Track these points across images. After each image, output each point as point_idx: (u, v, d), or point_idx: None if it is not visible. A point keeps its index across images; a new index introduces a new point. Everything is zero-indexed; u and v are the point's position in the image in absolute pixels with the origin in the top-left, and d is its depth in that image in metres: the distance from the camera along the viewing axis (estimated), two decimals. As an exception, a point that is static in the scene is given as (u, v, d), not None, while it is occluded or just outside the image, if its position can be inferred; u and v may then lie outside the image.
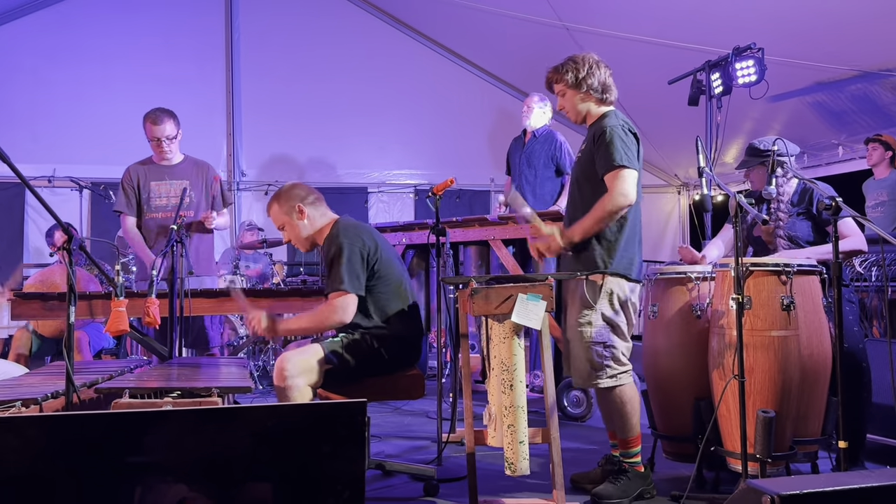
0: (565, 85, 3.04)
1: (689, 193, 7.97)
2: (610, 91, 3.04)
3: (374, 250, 3.04)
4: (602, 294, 2.90)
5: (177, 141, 4.28)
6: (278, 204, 3.18)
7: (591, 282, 2.91)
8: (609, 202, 2.84)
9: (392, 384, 3.05)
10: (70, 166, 6.63)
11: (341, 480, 1.42)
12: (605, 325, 2.90)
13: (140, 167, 4.32)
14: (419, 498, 3.01)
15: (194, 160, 4.39)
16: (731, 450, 2.86)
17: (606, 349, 2.89)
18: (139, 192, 4.27)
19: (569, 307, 3.01)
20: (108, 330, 2.61)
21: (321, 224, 3.18)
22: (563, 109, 3.12)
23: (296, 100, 7.53)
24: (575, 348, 2.94)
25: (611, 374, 2.90)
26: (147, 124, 4.23)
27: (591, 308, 2.90)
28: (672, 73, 5.56)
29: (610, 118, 2.97)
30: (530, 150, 5.49)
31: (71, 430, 1.35)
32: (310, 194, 3.20)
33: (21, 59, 6.99)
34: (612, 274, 2.90)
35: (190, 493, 1.35)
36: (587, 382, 2.93)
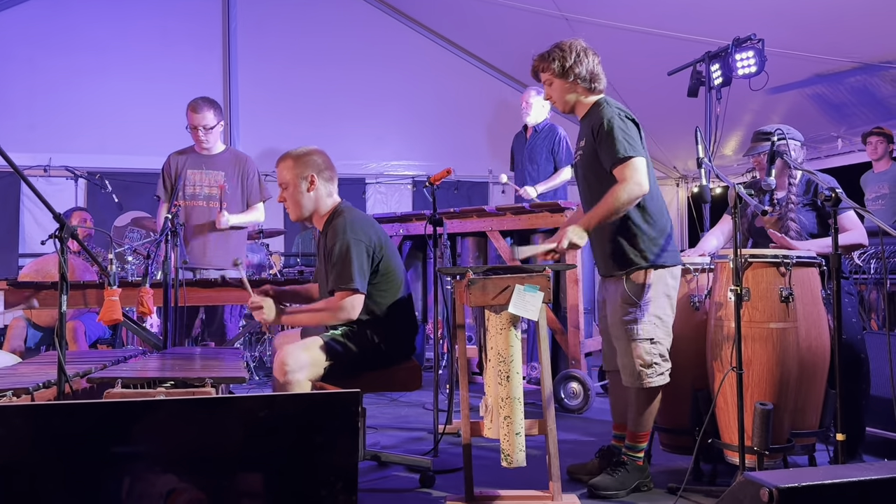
0: (552, 74, 2.95)
1: (688, 186, 7.96)
2: (598, 80, 2.95)
3: (379, 248, 3.00)
4: (646, 289, 2.84)
5: (215, 131, 4.29)
6: (293, 162, 3.05)
7: (631, 280, 2.85)
8: (623, 192, 2.76)
9: (389, 376, 3.03)
10: (66, 155, 6.60)
11: (334, 471, 1.40)
12: (651, 320, 2.85)
13: (179, 156, 4.37)
14: (415, 489, 2.99)
15: (234, 152, 4.43)
16: (729, 442, 2.85)
17: (654, 345, 2.85)
18: (175, 180, 4.27)
19: (609, 306, 2.96)
20: (102, 319, 2.58)
21: (325, 204, 3.08)
22: (550, 99, 3.04)
23: (293, 90, 7.50)
24: (621, 346, 2.89)
25: (660, 372, 2.86)
26: (188, 112, 4.27)
27: (635, 305, 2.84)
28: (672, 63, 5.53)
29: (604, 108, 2.89)
30: (532, 146, 5.51)
31: (58, 420, 1.33)
32: (327, 168, 3.08)
33: (17, 47, 6.94)
34: (652, 267, 2.85)
35: (179, 484, 1.33)
36: (638, 381, 2.86)
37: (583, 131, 3.00)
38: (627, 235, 2.87)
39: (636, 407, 2.92)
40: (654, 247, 2.87)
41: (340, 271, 2.89)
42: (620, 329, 2.89)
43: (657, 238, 2.88)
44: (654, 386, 2.86)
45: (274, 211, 7.61)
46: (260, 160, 7.57)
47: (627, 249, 2.87)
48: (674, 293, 2.92)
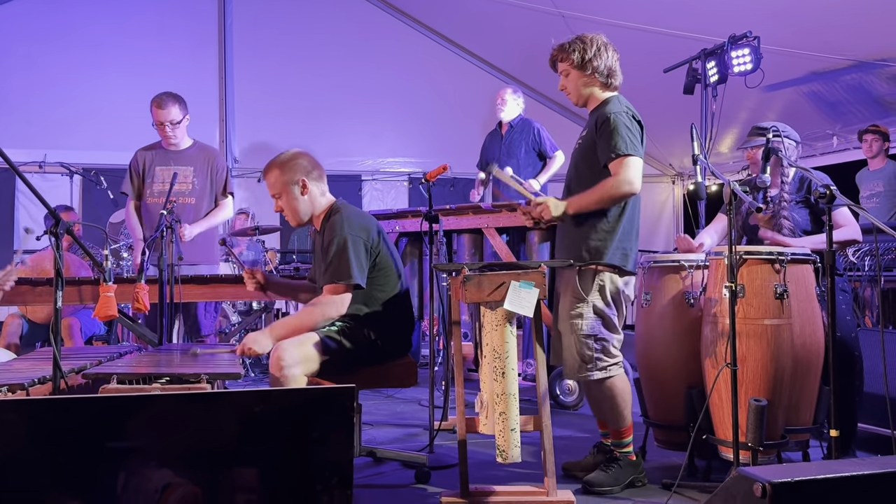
0: (570, 65, 2.95)
1: (684, 183, 7.97)
2: (615, 76, 2.96)
3: (377, 242, 3.00)
4: (595, 286, 2.86)
5: (182, 126, 4.24)
6: (280, 171, 3.03)
7: (584, 273, 2.87)
8: (614, 186, 2.78)
9: (385, 372, 3.03)
10: (61, 152, 6.58)
11: (330, 466, 1.41)
12: (597, 317, 2.87)
13: (147, 151, 4.31)
14: (410, 485, 3.00)
15: (202, 146, 4.36)
16: (723, 438, 2.86)
17: (597, 342, 2.86)
18: (143, 176, 4.23)
19: (561, 298, 2.98)
20: (97, 315, 2.58)
21: (320, 203, 3.07)
22: (565, 90, 3.03)
23: (289, 86, 7.48)
24: (566, 340, 2.92)
25: (601, 367, 2.87)
26: (152, 108, 4.21)
27: (583, 300, 2.86)
28: (667, 61, 5.54)
29: (613, 104, 2.90)
30: (509, 141, 5.61)
31: (54, 415, 1.33)
32: (314, 168, 3.07)
33: (13, 43, 6.92)
34: (605, 266, 2.86)
35: (175, 479, 1.33)
36: (577, 375, 2.90)
37: (588, 123, 3.01)
38: (588, 231, 2.87)
39: (596, 403, 2.95)
40: (616, 248, 2.87)
41: (338, 266, 2.88)
42: (566, 322, 2.90)
43: (621, 242, 2.89)
44: (595, 379, 2.87)
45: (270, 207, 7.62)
46: (255, 156, 7.60)
47: (588, 244, 2.87)
48: (625, 299, 2.92)
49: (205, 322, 4.33)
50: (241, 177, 7.61)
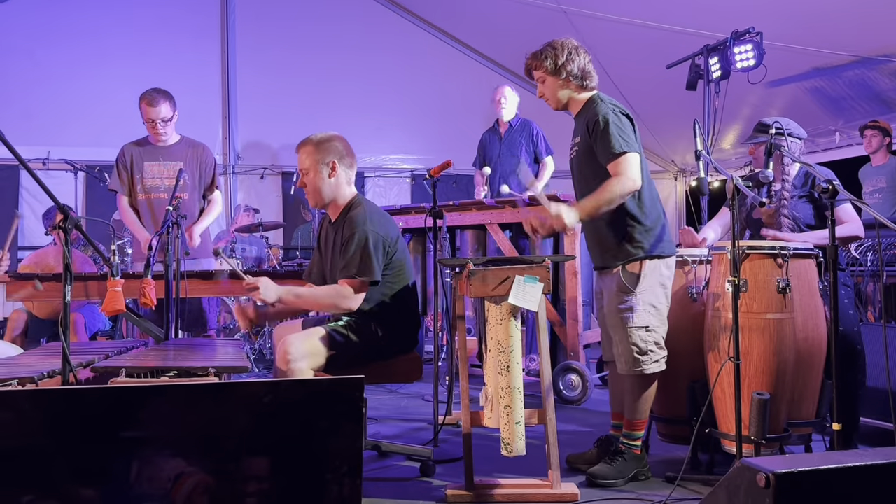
0: (545, 72, 2.99)
1: (686, 179, 7.97)
2: (590, 77, 3.00)
3: (394, 242, 3.02)
4: (641, 279, 2.89)
5: (172, 123, 4.24)
6: (314, 148, 3.03)
7: (627, 270, 2.90)
8: (617, 186, 2.80)
9: (390, 368, 3.05)
10: (65, 148, 6.61)
11: (339, 456, 1.43)
12: (647, 307, 2.89)
13: (135, 147, 4.29)
14: (416, 478, 3.02)
15: (190, 141, 4.35)
16: (726, 431, 2.88)
17: (649, 332, 2.89)
18: (132, 172, 4.23)
19: (606, 296, 2.99)
20: (104, 310, 2.60)
21: (344, 193, 3.08)
22: (543, 97, 3.07)
23: (292, 83, 7.49)
24: (617, 335, 2.93)
25: (655, 359, 2.90)
26: (142, 105, 4.18)
27: (630, 293, 2.89)
28: (670, 57, 5.54)
29: (599, 105, 2.92)
30: (510, 140, 5.65)
31: (66, 405, 1.35)
32: (347, 155, 3.07)
33: (15, 39, 6.93)
34: (648, 258, 2.89)
35: (187, 468, 1.35)
36: (633, 368, 2.90)
37: (577, 128, 3.04)
38: (623, 228, 2.91)
39: (632, 395, 2.96)
40: (649, 237, 2.91)
41: (356, 261, 2.89)
42: (616, 318, 2.93)
43: (652, 228, 2.92)
44: (650, 373, 2.90)
45: (273, 204, 7.65)
46: (257, 153, 7.63)
47: (623, 241, 2.91)
48: (668, 283, 2.96)
49: (210, 316, 4.35)
50: (244, 173, 7.63)
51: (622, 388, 3.04)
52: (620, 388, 3.07)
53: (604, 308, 3.03)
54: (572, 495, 2.70)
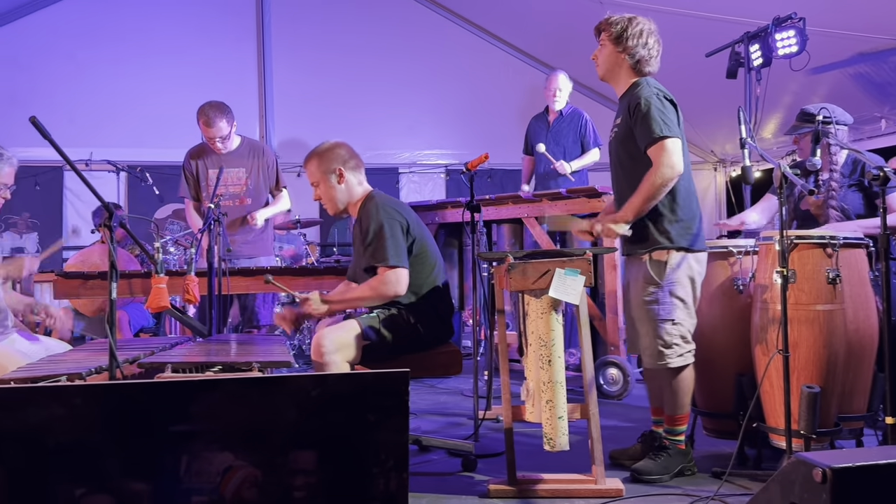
0: (608, 37, 2.96)
1: (727, 170, 7.83)
2: (647, 64, 2.94)
3: (412, 227, 3.04)
4: (668, 270, 2.84)
5: (231, 136, 4.25)
6: (318, 160, 3.12)
7: (654, 260, 2.85)
8: (656, 176, 2.76)
9: (430, 360, 3.05)
10: (107, 149, 6.72)
11: (386, 450, 1.42)
12: (673, 300, 2.84)
13: (197, 155, 4.34)
14: (457, 473, 3.01)
15: (250, 143, 4.39)
16: (775, 426, 2.82)
17: (675, 326, 2.84)
18: (197, 180, 4.30)
19: (632, 286, 2.96)
20: (149, 306, 2.64)
21: (357, 193, 3.14)
22: (595, 59, 3.04)
23: (327, 81, 7.53)
24: (642, 327, 2.89)
25: (680, 353, 2.85)
26: (200, 124, 4.20)
27: (656, 285, 2.84)
28: (709, 45, 5.44)
29: (643, 87, 2.88)
30: (557, 130, 5.54)
31: (117, 400, 1.36)
32: (352, 157, 3.14)
33: (59, 42, 7.07)
34: (676, 248, 2.84)
35: (236, 462, 1.36)
36: (657, 362, 2.86)
37: (620, 110, 3.00)
38: (653, 215, 2.86)
39: (666, 389, 2.92)
40: (680, 229, 2.86)
41: (377, 249, 2.94)
42: (642, 309, 2.89)
43: (685, 221, 2.87)
44: (675, 366, 2.85)
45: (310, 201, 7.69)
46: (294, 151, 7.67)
47: (652, 229, 2.86)
48: (698, 278, 2.91)
49: (263, 312, 4.40)
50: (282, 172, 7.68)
51: (658, 383, 2.99)
52: (656, 383, 3.02)
53: (630, 300, 2.99)
54: (617, 490, 2.67)
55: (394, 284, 2.92)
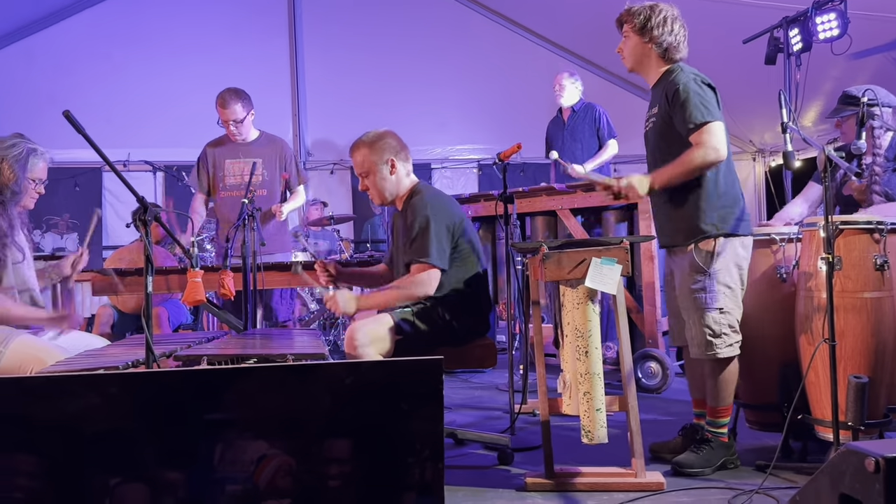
0: (632, 27, 2.90)
1: (765, 160, 7.66)
2: (676, 51, 2.88)
3: (459, 225, 3.00)
4: (714, 258, 2.77)
5: (247, 121, 4.30)
6: (369, 150, 3.05)
7: (700, 248, 2.78)
8: (699, 156, 2.69)
9: (464, 353, 3.02)
10: (144, 150, 6.82)
11: (421, 439, 1.40)
12: (721, 289, 2.77)
13: (215, 146, 4.39)
14: (493, 466, 2.98)
15: (269, 137, 4.42)
16: (821, 417, 2.73)
17: (722, 314, 2.77)
18: (214, 171, 4.33)
19: (678, 276, 2.89)
20: (185, 300, 2.65)
21: (405, 184, 3.11)
22: (620, 52, 2.98)
23: (358, 78, 7.54)
24: (690, 317, 2.83)
25: (729, 343, 2.78)
26: (217, 107, 4.28)
27: (704, 273, 2.78)
28: (746, 31, 5.31)
29: (679, 74, 2.82)
30: (573, 126, 5.61)
31: (153, 388, 1.36)
32: (402, 148, 3.10)
33: (96, 45, 7.19)
34: (722, 235, 2.77)
35: (270, 450, 1.35)
36: (706, 352, 2.79)
37: (654, 99, 2.93)
38: (697, 203, 2.79)
39: (711, 380, 2.84)
40: (724, 215, 2.79)
41: (420, 246, 2.90)
42: (689, 299, 2.82)
43: (728, 206, 2.80)
44: (724, 357, 2.77)
45: (343, 198, 7.73)
46: (326, 148, 7.71)
47: (697, 217, 2.79)
48: (745, 264, 2.83)
49: (280, 308, 4.41)
50: (314, 169, 7.73)
51: (700, 374, 2.92)
52: (698, 374, 2.95)
53: (675, 290, 2.92)
54: (658, 484, 2.61)
55: (425, 285, 2.89)
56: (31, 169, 2.98)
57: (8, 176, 2.92)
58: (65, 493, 1.33)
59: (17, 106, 6.73)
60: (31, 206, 3.10)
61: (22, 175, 2.94)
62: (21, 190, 2.96)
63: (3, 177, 2.91)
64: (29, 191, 3.01)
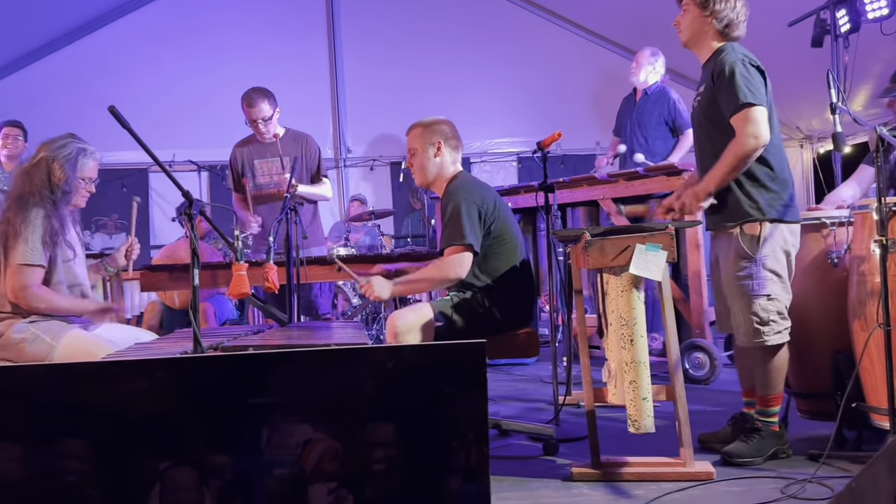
0: (693, 1, 2.84)
1: (813, 146, 7.46)
2: (735, 28, 2.83)
3: (492, 209, 3.02)
4: (761, 243, 2.71)
5: (274, 120, 4.32)
6: (422, 130, 3.17)
7: (746, 233, 2.73)
8: (739, 147, 2.64)
9: (507, 342, 3.01)
10: (189, 150, 6.93)
11: (465, 423, 1.39)
12: (768, 274, 2.71)
13: (243, 147, 4.44)
14: (538, 457, 2.96)
15: (294, 133, 4.44)
16: (876, 405, 2.65)
17: (770, 301, 2.71)
18: (242, 173, 4.38)
19: (723, 262, 2.84)
20: (231, 293, 2.68)
21: (448, 171, 3.17)
22: (678, 25, 2.91)
23: (396, 72, 7.55)
24: (735, 304, 2.77)
25: (777, 330, 2.72)
26: (243, 106, 4.30)
27: (750, 259, 2.72)
28: (792, 13, 5.17)
29: (728, 53, 2.76)
30: (641, 109, 5.32)
31: (199, 372, 1.38)
32: (454, 137, 3.19)
33: (140, 48, 7.32)
34: (768, 220, 2.71)
35: (315, 434, 1.36)
36: (753, 339, 2.73)
37: (703, 76, 2.87)
38: (744, 185, 2.73)
39: (760, 368, 2.78)
40: (772, 199, 2.72)
41: (452, 229, 2.94)
42: (734, 286, 2.76)
43: (777, 191, 2.74)
44: (772, 344, 2.71)
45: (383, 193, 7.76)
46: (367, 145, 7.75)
47: (743, 200, 2.73)
48: (793, 250, 2.77)
49: (320, 302, 4.44)
50: (355, 166, 7.78)
51: (750, 363, 2.86)
52: (748, 363, 2.89)
53: (720, 276, 2.86)
54: (707, 474, 2.56)
55: (455, 266, 2.91)
56: (81, 168, 3.05)
57: (59, 176, 2.99)
58: (115, 477, 1.35)
59: (65, 110, 6.89)
60: (83, 204, 3.17)
61: (72, 174, 3.01)
62: (72, 189, 3.03)
63: (54, 176, 2.99)
64: (80, 190, 3.08)
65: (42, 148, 3.04)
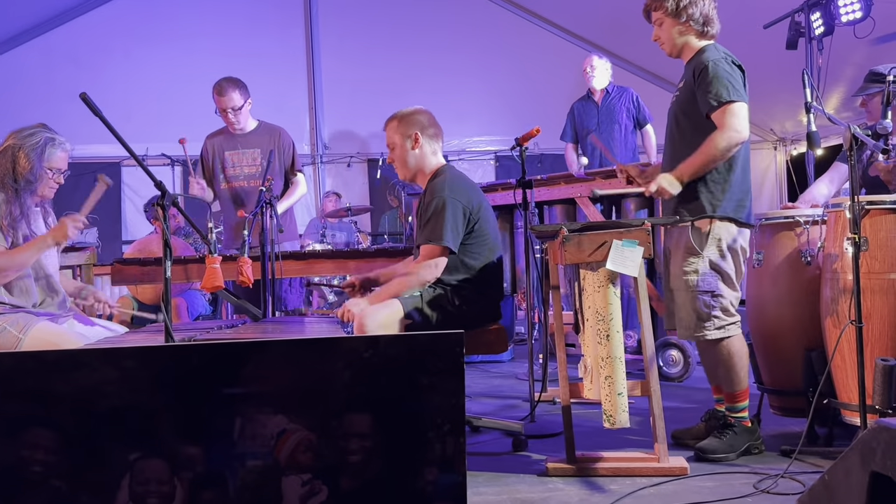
0: (664, 13, 2.85)
1: (787, 149, 7.55)
2: (711, 24, 2.86)
3: (476, 209, 2.99)
4: (709, 240, 2.74)
5: (244, 110, 4.23)
6: (398, 123, 3.11)
7: (696, 228, 2.76)
8: (722, 139, 2.66)
9: (475, 339, 2.99)
10: (162, 144, 6.83)
11: (441, 413, 1.38)
12: (713, 272, 2.74)
13: (215, 138, 4.35)
14: (508, 453, 2.95)
15: (267, 126, 4.36)
16: (847, 402, 2.68)
17: (714, 298, 2.74)
18: (213, 163, 4.30)
19: (672, 256, 2.87)
20: (204, 286, 2.65)
21: (430, 163, 3.12)
22: (658, 40, 2.94)
23: (374, 70, 7.51)
24: (680, 298, 2.81)
25: (718, 326, 2.74)
26: (214, 95, 4.22)
27: (697, 255, 2.75)
28: (767, 16, 5.24)
29: (710, 52, 2.80)
30: (610, 107, 5.48)
31: (170, 361, 1.35)
32: (431, 126, 3.14)
33: (113, 41, 7.21)
34: (720, 218, 2.74)
35: (290, 425, 1.33)
36: (692, 334, 2.78)
37: (685, 73, 2.89)
38: (704, 183, 2.76)
39: (711, 365, 2.84)
40: (729, 199, 2.76)
41: (433, 227, 2.90)
42: (680, 280, 2.79)
43: (736, 192, 2.77)
44: (712, 339, 2.74)
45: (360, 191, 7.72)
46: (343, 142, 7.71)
47: (701, 195, 2.76)
48: (742, 253, 2.80)
49: (290, 297, 4.39)
50: (332, 162, 7.73)
51: (712, 360, 2.89)
52: (711, 360, 2.91)
53: (669, 269, 2.89)
54: (681, 469, 2.57)
55: (431, 270, 2.89)
56: (48, 158, 2.99)
57: (24, 165, 2.93)
58: (83, 469, 1.32)
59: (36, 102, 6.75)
60: (51, 195, 3.11)
61: (38, 164, 2.95)
62: (36, 179, 2.96)
63: (18, 165, 2.92)
64: (46, 180, 3.01)
65: (10, 136, 2.98)
